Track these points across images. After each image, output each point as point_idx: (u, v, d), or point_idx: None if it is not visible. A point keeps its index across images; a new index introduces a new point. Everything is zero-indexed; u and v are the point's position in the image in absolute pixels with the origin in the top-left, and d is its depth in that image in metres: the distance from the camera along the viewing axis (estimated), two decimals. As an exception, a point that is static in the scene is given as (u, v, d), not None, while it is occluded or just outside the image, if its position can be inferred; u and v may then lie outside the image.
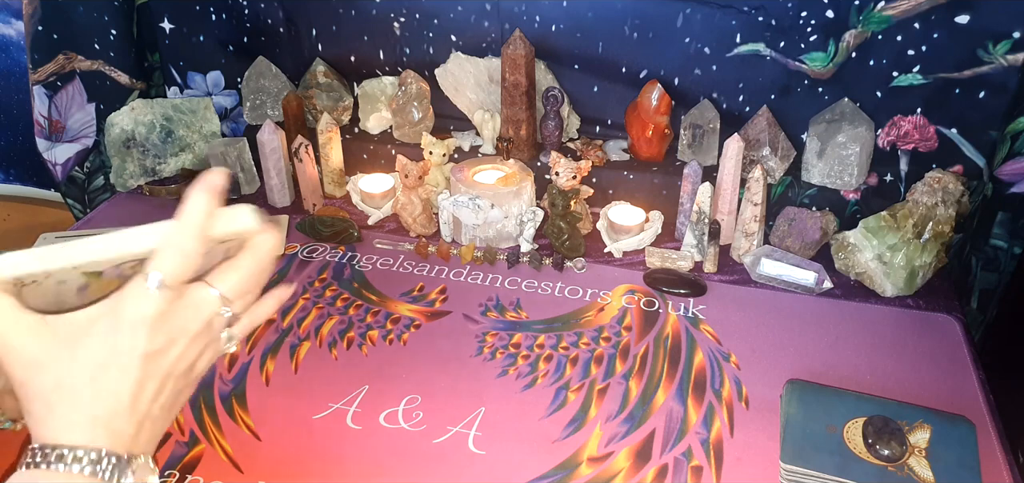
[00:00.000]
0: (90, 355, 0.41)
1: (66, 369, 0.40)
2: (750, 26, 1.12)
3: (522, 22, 1.23)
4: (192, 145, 1.38)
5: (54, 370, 0.40)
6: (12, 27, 1.50)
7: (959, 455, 0.75)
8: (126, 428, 0.41)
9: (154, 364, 0.42)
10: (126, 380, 0.41)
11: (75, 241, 0.43)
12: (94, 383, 0.40)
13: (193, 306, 0.43)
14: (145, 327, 0.41)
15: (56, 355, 0.41)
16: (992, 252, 1.08)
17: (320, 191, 1.29)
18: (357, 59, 1.38)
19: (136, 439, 0.42)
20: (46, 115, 1.32)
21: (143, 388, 0.42)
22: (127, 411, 0.41)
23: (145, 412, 0.42)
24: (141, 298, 0.41)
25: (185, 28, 1.37)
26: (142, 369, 0.41)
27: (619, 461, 0.77)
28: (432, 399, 0.85)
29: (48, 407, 0.40)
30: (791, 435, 0.78)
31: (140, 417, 0.42)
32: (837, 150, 1.11)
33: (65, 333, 0.41)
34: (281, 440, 0.79)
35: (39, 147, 1.35)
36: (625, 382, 0.88)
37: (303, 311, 1.00)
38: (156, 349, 0.42)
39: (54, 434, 0.40)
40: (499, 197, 1.13)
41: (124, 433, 0.41)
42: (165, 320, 0.42)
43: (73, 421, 0.40)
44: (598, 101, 1.29)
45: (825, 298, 1.03)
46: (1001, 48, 1.01)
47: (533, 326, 0.98)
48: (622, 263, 1.12)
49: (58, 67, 1.30)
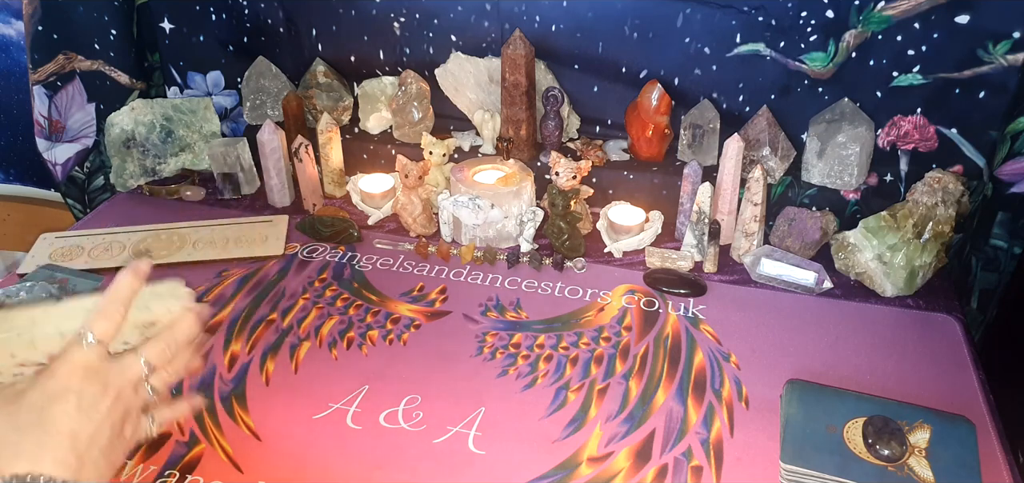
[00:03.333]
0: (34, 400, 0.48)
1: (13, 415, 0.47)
2: (750, 26, 1.12)
3: (522, 22, 1.23)
4: (192, 145, 1.38)
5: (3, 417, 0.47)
6: (12, 27, 1.50)
7: (959, 455, 0.75)
8: (68, 460, 0.47)
9: (89, 408, 0.49)
10: (66, 419, 0.47)
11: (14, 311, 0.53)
12: (39, 424, 0.47)
13: (120, 365, 0.52)
14: (81, 371, 0.49)
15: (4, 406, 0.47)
16: (992, 252, 1.08)
17: (320, 191, 1.29)
18: (357, 59, 1.38)
19: (79, 472, 0.47)
20: (46, 115, 1.32)
21: (81, 428, 0.48)
22: (68, 446, 0.47)
23: (84, 452, 0.48)
24: (77, 350, 0.50)
25: (185, 28, 1.37)
26: (78, 409, 0.48)
27: (619, 461, 0.77)
28: (432, 399, 0.85)
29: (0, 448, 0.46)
30: (791, 435, 0.78)
31: (80, 454, 0.48)
32: (837, 150, 1.11)
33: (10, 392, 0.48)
34: (281, 440, 0.79)
35: (39, 147, 1.35)
36: (625, 382, 0.88)
37: (303, 311, 1.00)
38: (89, 395, 0.49)
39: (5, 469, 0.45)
40: (499, 197, 1.13)
41: (67, 464, 0.47)
42: (97, 372, 0.50)
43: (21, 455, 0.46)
44: (598, 101, 1.29)
45: (825, 298, 1.03)
46: (1001, 48, 1.01)
47: (533, 326, 0.98)
48: (622, 263, 1.12)
49: (58, 67, 1.30)
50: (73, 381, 0.49)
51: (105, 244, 1.14)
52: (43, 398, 0.48)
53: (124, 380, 0.52)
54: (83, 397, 0.49)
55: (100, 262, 1.10)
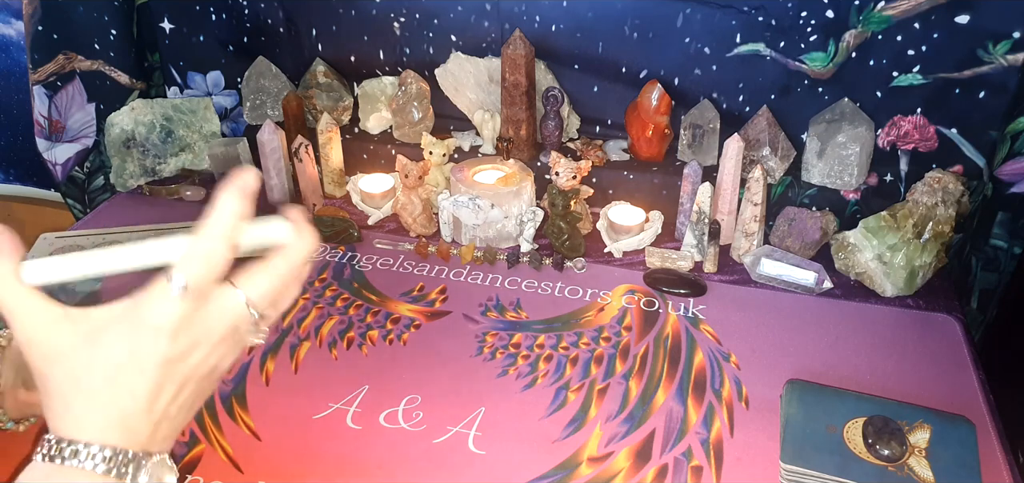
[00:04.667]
0: (108, 354, 0.40)
1: (84, 366, 0.40)
2: (750, 26, 1.12)
3: (522, 22, 1.23)
4: (192, 145, 1.38)
5: (72, 365, 0.40)
6: (12, 27, 1.50)
7: (959, 455, 0.75)
8: (142, 427, 0.41)
9: (174, 369, 0.41)
10: (144, 383, 0.40)
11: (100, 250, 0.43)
12: (111, 383, 0.40)
13: (218, 310, 0.42)
14: (166, 333, 0.40)
15: (75, 350, 0.40)
16: (992, 252, 1.08)
17: (320, 191, 1.29)
18: (357, 59, 1.38)
19: (152, 438, 0.41)
20: (46, 115, 1.32)
21: (161, 390, 0.41)
22: (143, 412, 0.40)
23: (162, 413, 0.41)
24: (163, 302, 0.40)
25: (185, 28, 1.37)
26: (161, 373, 0.41)
27: (619, 461, 0.77)
28: (432, 399, 0.85)
29: (65, 402, 0.40)
30: (791, 435, 0.78)
31: (157, 418, 0.41)
32: (837, 150, 1.11)
33: (85, 329, 0.41)
34: (281, 440, 0.79)
35: (39, 147, 1.35)
36: (625, 382, 0.88)
37: (303, 311, 1.00)
38: (177, 354, 0.41)
39: (70, 429, 0.39)
40: (499, 197, 1.13)
41: (140, 432, 0.41)
42: (188, 325, 0.41)
43: (89, 418, 0.40)
44: (598, 101, 1.29)
45: (825, 298, 1.03)
46: (1001, 48, 1.01)
47: (533, 326, 0.98)
48: (622, 263, 1.12)
49: (58, 67, 1.30)
50: (158, 340, 0.40)
51: (105, 244, 1.14)
52: (121, 354, 0.40)
53: (222, 327, 0.42)
54: (169, 357, 0.40)
55: (100, 262, 1.10)
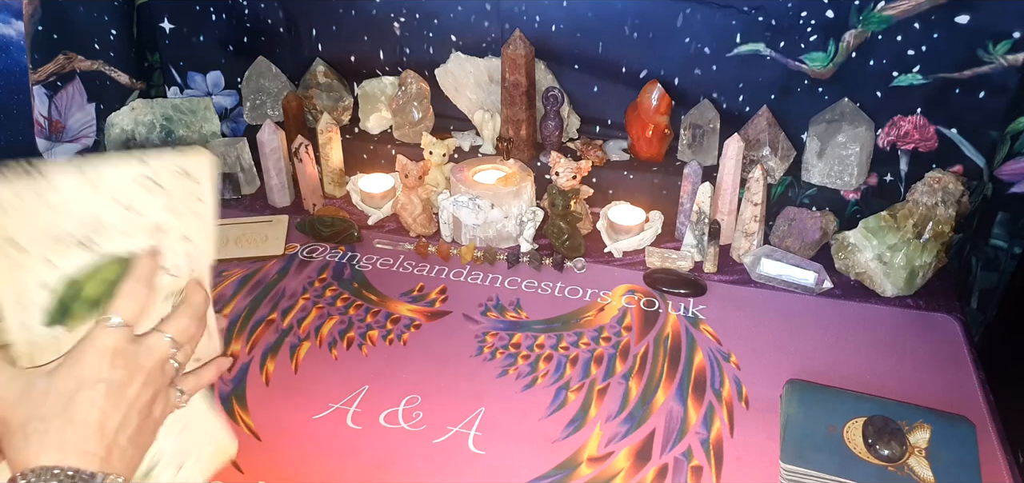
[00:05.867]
0: (60, 387, 0.46)
1: (38, 403, 0.45)
2: (750, 26, 1.12)
3: (522, 22, 1.23)
4: (192, 145, 1.37)
5: (28, 404, 0.45)
6: (12, 27, 1.50)
7: (959, 455, 0.75)
8: (96, 451, 0.45)
9: (117, 394, 0.47)
10: (93, 409, 0.46)
11: None
12: (65, 413, 0.45)
13: (147, 346, 0.49)
14: (107, 356, 0.47)
15: (29, 392, 0.46)
16: (992, 252, 1.08)
17: (320, 191, 1.29)
18: (357, 59, 1.38)
19: (107, 461, 0.46)
20: (46, 115, 1.32)
21: (108, 416, 0.46)
22: (95, 436, 0.45)
23: (112, 440, 0.46)
24: (103, 333, 0.47)
25: (185, 28, 1.37)
26: (106, 399, 0.46)
27: (619, 461, 0.77)
28: (432, 399, 0.85)
29: (25, 438, 0.45)
30: (791, 435, 0.78)
31: (108, 443, 0.46)
32: (837, 150, 1.11)
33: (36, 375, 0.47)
34: (281, 440, 0.79)
35: (39, 147, 1.35)
36: (625, 382, 0.88)
37: (303, 311, 1.00)
38: (117, 380, 0.47)
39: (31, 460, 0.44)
40: (499, 197, 1.13)
41: (94, 455, 0.45)
42: (124, 354, 0.48)
43: (46, 447, 0.44)
44: (598, 101, 1.29)
45: (825, 298, 1.03)
46: (1001, 48, 1.01)
47: (533, 326, 0.98)
48: (622, 263, 1.12)
49: (58, 67, 1.30)
50: (100, 368, 0.46)
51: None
52: (69, 385, 0.46)
53: (152, 361, 0.49)
54: (111, 384, 0.47)
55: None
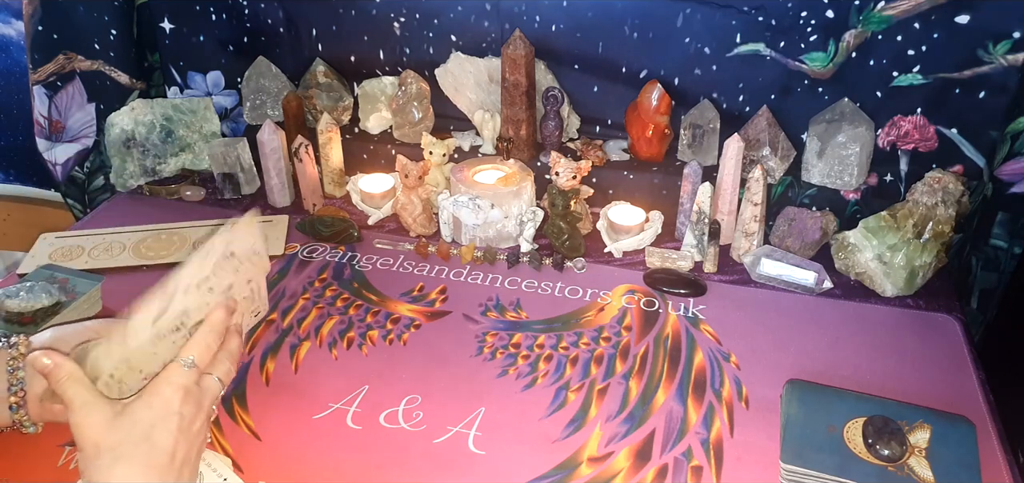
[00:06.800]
0: (142, 417, 0.54)
1: (127, 431, 0.53)
2: (750, 26, 1.12)
3: (522, 22, 1.23)
4: (192, 145, 1.38)
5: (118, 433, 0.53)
6: (12, 27, 1.50)
7: (959, 455, 0.75)
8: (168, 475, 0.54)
9: (186, 427, 0.56)
10: (168, 436, 0.54)
11: None
12: (146, 441, 0.53)
13: (206, 388, 0.59)
14: (182, 392, 0.56)
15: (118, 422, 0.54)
16: (992, 252, 1.08)
17: (320, 191, 1.29)
18: (357, 59, 1.38)
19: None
20: (46, 115, 1.32)
21: (178, 445, 0.55)
22: (167, 465, 0.54)
23: (179, 467, 0.55)
24: (179, 372, 0.57)
25: (185, 28, 1.37)
26: (179, 428, 0.55)
27: (619, 461, 0.77)
28: (432, 399, 0.85)
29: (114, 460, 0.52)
30: (791, 435, 0.78)
31: (177, 468, 0.54)
32: (837, 150, 1.11)
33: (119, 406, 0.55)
34: (281, 440, 0.79)
35: (39, 147, 1.35)
36: (625, 382, 0.88)
37: (303, 311, 1.00)
38: (187, 415, 0.56)
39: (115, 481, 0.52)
40: (499, 197, 1.13)
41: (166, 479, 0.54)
42: (192, 393, 0.57)
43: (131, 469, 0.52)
44: (598, 101, 1.29)
45: (825, 298, 1.03)
46: (1001, 48, 1.01)
47: (533, 326, 0.98)
48: (622, 263, 1.12)
49: (58, 67, 1.30)
50: (175, 403, 0.55)
51: (105, 244, 1.14)
52: (151, 416, 0.54)
53: (208, 400, 0.58)
54: (183, 417, 0.55)
55: (100, 262, 1.10)
